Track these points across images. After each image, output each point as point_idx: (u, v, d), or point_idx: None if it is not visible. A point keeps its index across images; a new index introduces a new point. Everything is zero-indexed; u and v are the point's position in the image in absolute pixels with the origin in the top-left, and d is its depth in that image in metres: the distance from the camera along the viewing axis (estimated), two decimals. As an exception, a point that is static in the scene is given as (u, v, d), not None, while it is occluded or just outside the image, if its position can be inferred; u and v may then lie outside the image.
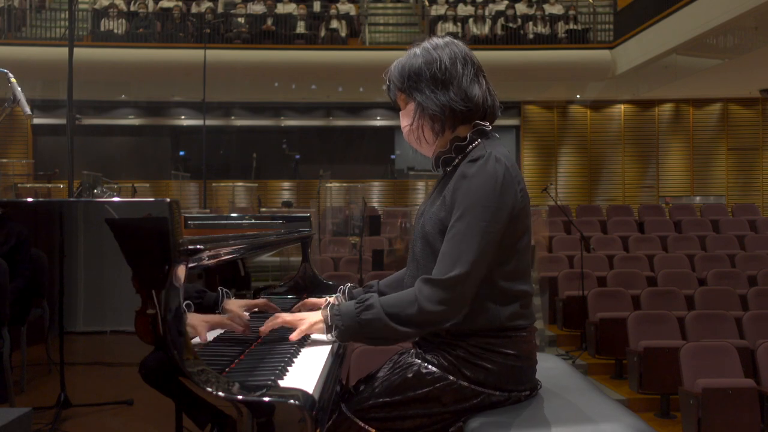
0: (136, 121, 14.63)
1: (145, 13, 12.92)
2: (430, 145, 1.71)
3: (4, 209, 1.41)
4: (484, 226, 1.54)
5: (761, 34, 9.64)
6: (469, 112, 1.66)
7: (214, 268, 1.68)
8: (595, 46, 12.90)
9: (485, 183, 1.56)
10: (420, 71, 1.66)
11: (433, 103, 1.65)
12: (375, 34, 13.87)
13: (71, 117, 4.63)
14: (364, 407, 1.63)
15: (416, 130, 1.70)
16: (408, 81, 1.68)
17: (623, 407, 1.63)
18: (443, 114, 1.65)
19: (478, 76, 1.69)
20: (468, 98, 1.65)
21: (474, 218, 1.55)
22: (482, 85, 1.69)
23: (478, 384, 1.59)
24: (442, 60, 1.65)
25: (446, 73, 1.65)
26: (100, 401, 1.35)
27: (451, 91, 1.65)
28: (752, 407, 4.46)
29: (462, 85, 1.65)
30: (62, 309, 1.37)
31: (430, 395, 1.59)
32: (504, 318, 1.60)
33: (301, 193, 14.10)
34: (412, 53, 1.70)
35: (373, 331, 1.58)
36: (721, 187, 14.32)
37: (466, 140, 1.67)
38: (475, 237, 1.54)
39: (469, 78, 1.66)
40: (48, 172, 11.36)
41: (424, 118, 1.68)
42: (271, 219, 3.03)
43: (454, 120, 1.67)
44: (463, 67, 1.67)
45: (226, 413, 1.29)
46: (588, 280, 6.97)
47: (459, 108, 1.65)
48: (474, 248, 1.53)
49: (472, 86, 1.66)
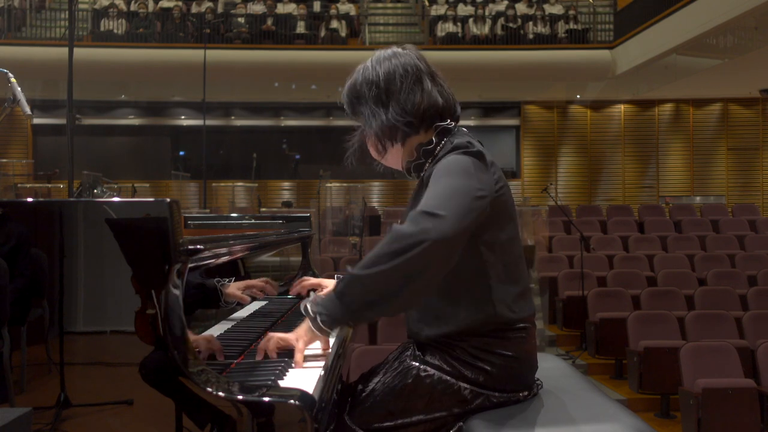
0: (136, 121, 14.63)
1: (145, 13, 12.92)
2: (385, 160, 1.72)
3: (4, 209, 1.41)
4: (462, 187, 1.48)
5: (761, 34, 9.64)
6: (410, 124, 1.64)
7: (214, 268, 1.69)
8: (595, 46, 12.90)
9: (457, 164, 1.53)
10: (360, 92, 1.68)
11: (375, 124, 1.66)
12: (375, 34, 13.87)
13: (71, 117, 4.63)
14: (367, 418, 1.62)
15: (371, 148, 1.72)
16: (351, 105, 1.72)
17: (623, 407, 1.63)
18: (385, 133, 1.65)
19: (421, 82, 1.65)
20: (406, 111, 1.63)
21: (450, 181, 1.49)
22: (426, 90, 1.65)
23: (478, 386, 1.58)
24: (378, 78, 1.65)
25: (383, 92, 1.65)
26: (100, 401, 1.35)
27: (391, 107, 1.64)
28: (752, 407, 4.46)
29: (400, 100, 1.64)
30: (62, 309, 1.37)
31: (431, 400, 1.58)
32: (500, 308, 1.58)
33: (301, 193, 14.09)
34: (357, 70, 1.71)
35: (355, 294, 1.45)
36: (721, 187, 14.31)
37: (432, 143, 1.66)
38: (452, 191, 1.47)
39: (408, 89, 1.64)
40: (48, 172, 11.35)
41: (371, 137, 1.69)
42: (271, 219, 3.03)
43: (398, 134, 1.65)
44: (402, 79, 1.64)
45: (226, 413, 1.29)
46: (588, 280, 6.97)
47: (399, 124, 1.63)
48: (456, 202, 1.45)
49: (411, 96, 1.63)
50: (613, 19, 13.32)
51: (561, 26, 13.13)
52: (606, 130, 14.54)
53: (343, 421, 1.65)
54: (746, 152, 14.37)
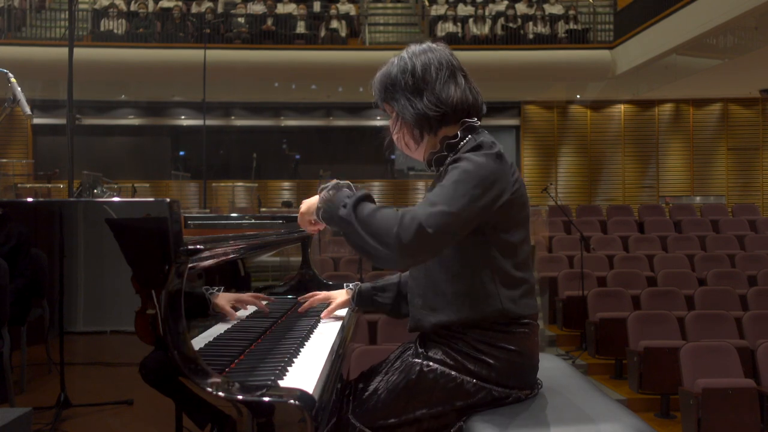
0: (136, 121, 14.63)
1: (145, 13, 12.92)
2: (413, 150, 1.75)
3: (4, 209, 1.41)
4: (471, 190, 1.51)
5: (761, 34, 9.64)
6: (444, 116, 1.68)
7: (214, 268, 1.68)
8: (595, 46, 12.90)
9: (475, 163, 1.56)
10: (395, 80, 1.71)
11: (409, 112, 1.68)
12: (375, 34, 13.87)
13: (71, 117, 4.63)
14: (372, 417, 1.64)
15: (400, 138, 1.75)
16: (385, 92, 1.73)
17: (623, 407, 1.63)
18: (419, 121, 1.68)
19: (455, 77, 1.70)
20: (441, 102, 1.67)
21: (461, 180, 1.53)
22: (460, 85, 1.70)
23: (481, 379, 1.60)
24: (415, 67, 1.69)
25: (419, 81, 1.68)
26: (100, 401, 1.35)
27: (425, 97, 1.67)
28: (752, 407, 4.46)
29: (435, 90, 1.67)
30: (62, 309, 1.37)
31: (434, 394, 1.60)
32: (502, 299, 1.60)
33: (301, 193, 14.09)
34: (391, 62, 1.75)
35: (346, 231, 1.56)
36: (721, 187, 14.32)
37: (457, 137, 1.69)
38: (459, 191, 1.51)
39: (443, 81, 1.68)
40: (48, 172, 11.36)
41: (404, 126, 1.73)
42: (271, 219, 3.03)
43: (432, 125, 1.69)
44: (437, 71, 1.69)
45: (226, 413, 1.29)
46: (588, 280, 6.97)
47: (433, 113, 1.67)
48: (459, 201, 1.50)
49: (446, 89, 1.68)
50: (613, 19, 13.33)
51: (561, 26, 13.13)
52: (606, 130, 14.55)
53: (348, 420, 1.66)
54: (746, 152, 14.38)
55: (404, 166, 14.63)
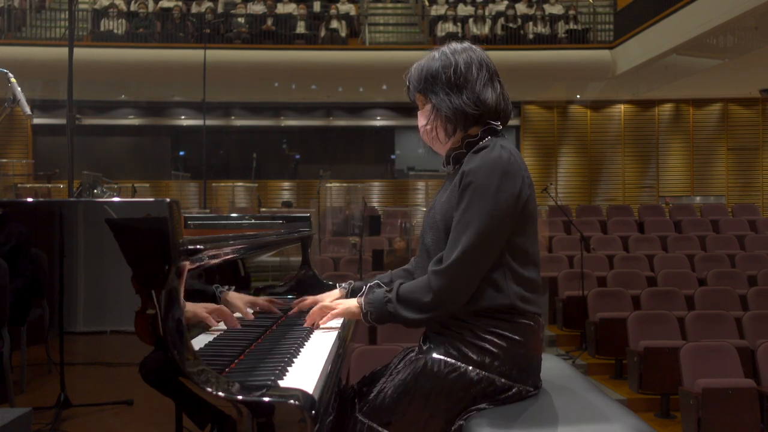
0: (136, 121, 14.62)
1: (145, 13, 12.92)
2: (442, 143, 1.79)
3: (4, 209, 1.41)
4: (487, 209, 1.60)
5: (761, 34, 9.64)
6: (480, 115, 1.73)
7: (214, 269, 1.68)
8: (595, 46, 12.89)
9: (488, 167, 1.63)
10: (437, 74, 1.75)
11: (447, 105, 1.73)
12: (375, 34, 13.86)
13: (71, 117, 4.62)
14: (381, 413, 1.66)
15: (431, 130, 1.79)
16: (425, 83, 1.77)
17: (623, 407, 1.63)
18: (455, 116, 1.72)
19: (493, 81, 1.76)
20: (480, 102, 1.72)
21: (477, 202, 1.61)
22: (496, 90, 1.75)
23: (484, 368, 1.62)
24: (458, 64, 1.73)
25: (461, 78, 1.72)
26: (100, 401, 1.35)
27: (465, 94, 1.72)
28: (752, 407, 4.46)
29: (475, 90, 1.72)
30: (62, 309, 1.37)
31: (441, 388, 1.62)
32: (511, 296, 1.64)
33: (301, 193, 14.09)
34: (431, 56, 1.78)
35: (399, 319, 1.69)
36: (721, 187, 14.31)
37: (477, 137, 1.74)
38: (475, 219, 1.60)
39: (483, 82, 1.73)
40: (48, 172, 11.35)
41: (438, 119, 1.76)
42: (271, 219, 3.03)
43: (466, 122, 1.73)
44: (478, 71, 1.74)
45: (226, 413, 1.29)
46: (588, 280, 6.97)
47: (471, 111, 1.72)
48: (474, 231, 1.60)
49: (485, 90, 1.73)
50: (613, 19, 13.32)
51: (561, 26, 13.13)
52: (606, 130, 14.54)
53: (356, 419, 1.69)
54: (746, 152, 14.37)
55: (404, 166, 14.62)
